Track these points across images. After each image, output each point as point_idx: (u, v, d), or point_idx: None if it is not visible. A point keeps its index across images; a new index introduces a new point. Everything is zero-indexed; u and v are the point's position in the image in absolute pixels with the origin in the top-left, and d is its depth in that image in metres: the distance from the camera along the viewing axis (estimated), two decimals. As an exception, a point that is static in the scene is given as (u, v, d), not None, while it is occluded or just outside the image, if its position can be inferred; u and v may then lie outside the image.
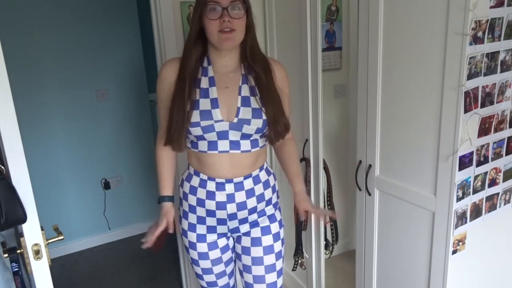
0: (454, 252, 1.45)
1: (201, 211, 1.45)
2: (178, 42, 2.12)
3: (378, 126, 1.63)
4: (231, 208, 1.42)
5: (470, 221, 1.45)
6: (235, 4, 1.27)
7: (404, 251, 1.63)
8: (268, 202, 1.50)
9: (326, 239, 2.27)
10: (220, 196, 1.41)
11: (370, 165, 1.70)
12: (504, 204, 1.55)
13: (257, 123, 1.33)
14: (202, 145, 1.37)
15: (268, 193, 1.49)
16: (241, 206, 1.43)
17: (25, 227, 1.11)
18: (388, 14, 1.50)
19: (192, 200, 1.45)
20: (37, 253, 1.14)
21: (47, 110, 2.98)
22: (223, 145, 1.36)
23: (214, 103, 1.33)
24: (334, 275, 2.66)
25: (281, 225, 1.54)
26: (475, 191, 1.44)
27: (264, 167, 1.49)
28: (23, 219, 1.08)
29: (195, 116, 1.31)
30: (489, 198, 1.49)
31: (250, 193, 1.43)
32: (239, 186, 1.41)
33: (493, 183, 1.48)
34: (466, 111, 1.31)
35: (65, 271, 3.01)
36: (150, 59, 2.72)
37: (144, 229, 3.50)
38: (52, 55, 2.92)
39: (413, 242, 1.58)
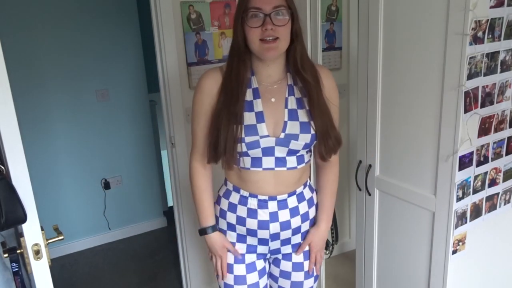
0: (454, 252, 1.45)
1: (241, 230, 1.35)
2: (178, 42, 2.12)
3: (378, 126, 1.63)
4: (274, 227, 1.32)
5: (470, 221, 1.45)
6: (279, 10, 1.16)
7: (404, 251, 1.63)
8: (312, 222, 1.41)
9: (326, 239, 2.27)
10: (263, 215, 1.31)
11: (370, 165, 1.70)
12: (504, 204, 1.55)
13: (305, 138, 1.24)
14: (245, 162, 1.27)
15: (312, 212, 1.39)
16: (285, 225, 1.33)
17: (25, 227, 1.11)
18: (388, 14, 1.50)
19: (231, 218, 1.35)
20: (37, 253, 1.14)
21: (47, 110, 2.98)
22: (268, 162, 1.26)
23: (260, 117, 1.22)
24: (334, 275, 2.66)
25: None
26: (475, 191, 1.44)
27: (308, 183, 1.39)
28: (23, 219, 1.08)
29: (240, 132, 1.21)
30: (489, 198, 1.49)
31: (294, 211, 1.33)
32: (282, 204, 1.31)
33: (493, 183, 1.48)
34: (466, 111, 1.31)
35: (65, 271, 3.01)
36: (150, 59, 2.72)
37: (144, 229, 3.52)
38: (52, 55, 2.92)
39: (413, 242, 1.58)
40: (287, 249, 1.39)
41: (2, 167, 1.08)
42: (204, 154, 1.32)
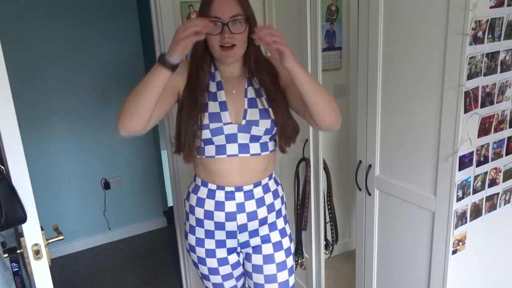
0: (454, 252, 1.45)
1: (209, 225, 1.40)
2: (178, 42, 2.12)
3: (378, 126, 1.63)
4: (241, 218, 1.38)
5: (470, 221, 1.45)
6: (236, 19, 1.25)
7: (404, 251, 1.63)
8: (278, 214, 1.46)
9: (326, 239, 2.28)
10: (230, 206, 1.37)
11: (370, 165, 1.70)
12: (504, 204, 1.55)
13: (265, 123, 1.32)
14: (210, 150, 1.34)
15: (277, 203, 1.45)
16: (252, 216, 1.39)
17: (25, 227, 1.11)
18: (388, 14, 1.50)
19: (199, 213, 1.40)
20: (37, 253, 1.14)
21: (47, 110, 2.98)
22: (232, 148, 1.33)
23: (223, 106, 1.32)
24: (334, 275, 2.66)
25: (291, 239, 1.51)
26: (475, 191, 1.44)
27: (273, 176, 1.46)
28: (23, 219, 1.08)
29: (205, 119, 1.30)
30: (489, 198, 1.49)
31: (260, 202, 1.39)
32: (249, 195, 1.37)
33: (493, 183, 1.48)
34: (466, 111, 1.31)
35: (65, 271, 3.01)
36: (150, 59, 2.72)
37: (144, 229, 3.52)
38: (52, 55, 2.92)
39: (413, 242, 1.58)
40: (256, 241, 1.43)
41: (2, 167, 1.08)
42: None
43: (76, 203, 3.20)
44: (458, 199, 1.39)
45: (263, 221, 1.41)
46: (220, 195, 1.37)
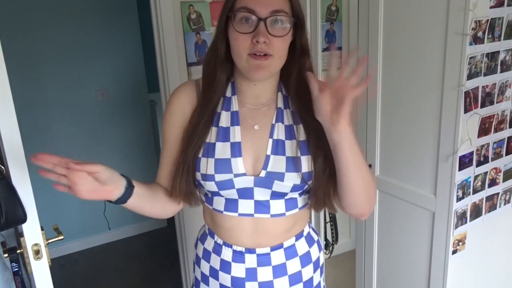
0: (454, 252, 1.44)
1: (214, 285, 1.07)
2: (178, 42, 2.12)
3: (378, 126, 1.63)
4: None
5: (470, 221, 1.45)
6: (278, 16, 0.87)
7: (404, 251, 1.63)
8: (308, 285, 1.06)
9: (326, 239, 2.27)
10: (237, 270, 1.01)
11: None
12: (504, 204, 1.55)
13: (293, 178, 0.93)
14: (218, 203, 1.00)
15: (307, 272, 1.05)
16: (266, 287, 1.02)
17: (25, 227, 1.11)
18: (388, 14, 1.50)
19: (204, 267, 1.09)
20: (37, 253, 1.14)
21: (47, 110, 2.98)
22: (246, 206, 0.97)
23: (236, 149, 0.94)
24: (334, 275, 2.65)
25: None
26: (475, 191, 1.44)
27: (305, 233, 1.06)
28: (23, 219, 1.08)
29: (210, 167, 0.94)
30: (489, 198, 1.49)
31: (279, 270, 1.01)
32: (263, 260, 1.01)
33: (493, 183, 1.48)
34: (466, 111, 1.31)
35: (65, 271, 3.01)
36: (150, 59, 2.72)
37: (144, 229, 3.51)
38: (52, 55, 2.92)
39: (413, 242, 1.58)
40: None
41: (2, 167, 1.08)
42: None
43: (76, 203, 3.20)
44: (458, 199, 1.39)
45: None
46: (226, 254, 1.03)
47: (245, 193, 0.96)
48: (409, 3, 1.41)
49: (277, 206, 0.97)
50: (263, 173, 0.93)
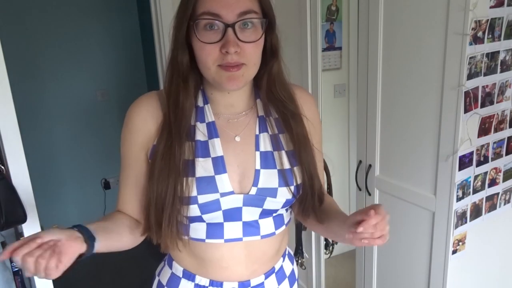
0: (454, 252, 1.44)
1: None
2: (178, 42, 2.12)
3: (378, 126, 1.63)
4: None
5: (470, 221, 1.45)
6: (248, 18, 0.77)
7: (404, 251, 1.63)
8: None
9: (326, 239, 2.27)
10: None
11: (370, 165, 1.70)
12: (504, 204, 1.55)
13: (286, 193, 0.85)
14: (197, 230, 0.86)
15: None
16: None
17: (25, 227, 1.11)
18: (388, 14, 1.50)
19: None
20: (37, 253, 1.13)
21: (47, 110, 2.98)
22: (233, 229, 0.86)
23: (219, 165, 0.83)
24: (334, 275, 2.65)
25: None
26: (475, 191, 1.44)
27: (287, 251, 1.02)
28: (23, 219, 1.08)
29: (191, 188, 0.81)
30: (489, 198, 1.49)
31: None
32: None
33: (493, 183, 1.48)
34: (466, 111, 1.31)
35: (65, 271, 3.01)
36: (150, 59, 2.72)
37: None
38: (52, 55, 2.92)
39: (413, 242, 1.58)
40: None
41: (2, 167, 1.08)
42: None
43: (76, 203, 3.20)
44: (458, 199, 1.39)
45: None
46: None
47: (232, 214, 0.85)
48: (409, 3, 1.41)
49: (267, 225, 0.88)
50: (253, 190, 0.84)
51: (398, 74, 1.51)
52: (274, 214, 0.89)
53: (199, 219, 0.84)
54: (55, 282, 1.21)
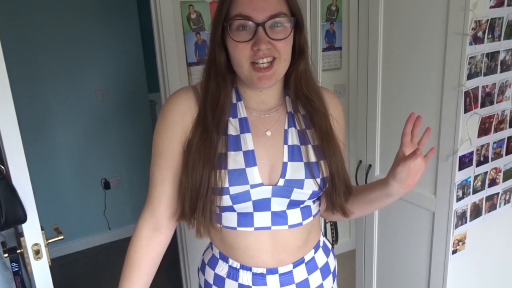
0: (454, 252, 1.44)
1: None
2: (178, 42, 2.12)
3: (378, 126, 1.63)
4: None
5: (470, 221, 1.45)
6: (277, 19, 0.83)
7: (404, 251, 1.63)
8: None
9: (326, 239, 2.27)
10: None
11: (370, 165, 1.70)
12: (504, 204, 1.55)
13: (312, 185, 0.91)
14: (229, 219, 0.93)
15: (328, 284, 1.04)
16: None
17: (25, 227, 1.11)
18: (388, 14, 1.50)
19: None
20: (37, 253, 1.14)
21: (47, 109, 2.98)
22: (262, 219, 0.92)
23: (250, 158, 0.89)
24: (334, 275, 2.66)
25: None
26: (475, 191, 1.44)
27: (320, 243, 1.04)
28: (23, 219, 1.08)
29: (223, 179, 0.88)
30: (489, 198, 1.49)
31: (302, 287, 0.99)
32: (286, 279, 0.96)
33: (493, 183, 1.48)
34: (466, 111, 1.31)
35: (65, 271, 3.01)
36: (150, 59, 2.72)
37: (144, 229, 3.51)
38: (52, 55, 2.92)
39: (413, 242, 1.58)
40: None
41: (2, 167, 1.08)
42: (159, 213, 0.98)
43: (76, 203, 3.20)
44: (458, 199, 1.39)
45: None
46: (245, 277, 0.96)
47: (261, 204, 0.91)
48: (409, 3, 1.41)
49: (294, 215, 0.94)
50: (281, 182, 0.90)
51: (398, 74, 1.51)
52: (301, 205, 0.95)
53: (230, 208, 0.91)
54: (55, 282, 1.21)
